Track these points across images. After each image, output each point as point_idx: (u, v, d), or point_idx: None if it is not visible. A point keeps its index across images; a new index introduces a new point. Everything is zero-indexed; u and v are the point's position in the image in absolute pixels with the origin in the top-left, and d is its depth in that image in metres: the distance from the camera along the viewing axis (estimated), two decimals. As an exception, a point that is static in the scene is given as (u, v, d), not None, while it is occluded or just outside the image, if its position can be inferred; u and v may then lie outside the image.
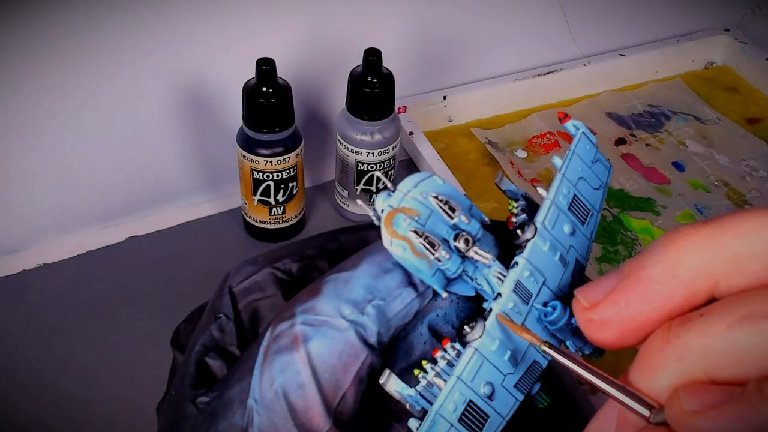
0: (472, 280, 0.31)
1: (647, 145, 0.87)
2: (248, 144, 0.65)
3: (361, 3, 0.75)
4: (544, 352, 0.26)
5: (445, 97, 0.85)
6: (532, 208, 0.33)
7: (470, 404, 0.29)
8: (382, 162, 0.70)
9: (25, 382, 0.61)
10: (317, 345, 0.31)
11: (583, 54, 0.94)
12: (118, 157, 0.71)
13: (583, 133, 0.33)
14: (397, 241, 0.29)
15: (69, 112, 0.66)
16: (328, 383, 0.31)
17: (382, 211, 0.30)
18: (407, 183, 0.31)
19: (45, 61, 0.63)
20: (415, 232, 0.29)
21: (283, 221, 0.71)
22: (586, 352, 0.32)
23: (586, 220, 0.32)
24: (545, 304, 0.30)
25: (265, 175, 0.66)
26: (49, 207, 0.70)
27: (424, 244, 0.29)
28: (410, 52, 0.82)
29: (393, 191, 0.30)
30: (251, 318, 0.40)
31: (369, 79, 0.66)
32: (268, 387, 0.32)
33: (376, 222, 0.30)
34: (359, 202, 0.33)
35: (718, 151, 0.87)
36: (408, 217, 0.30)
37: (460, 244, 0.30)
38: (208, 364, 0.38)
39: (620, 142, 0.87)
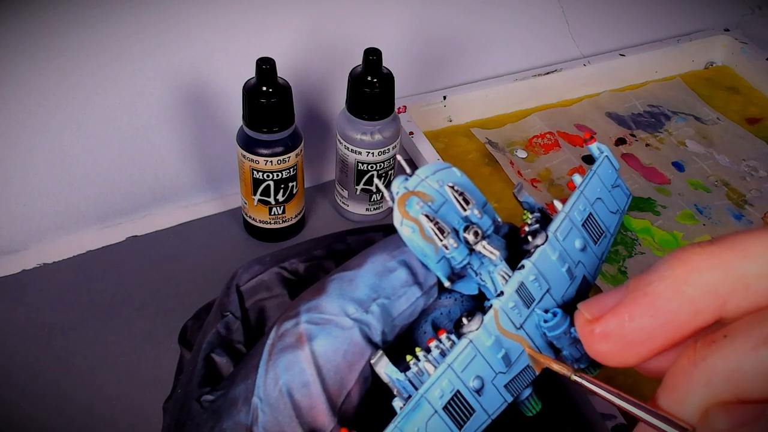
0: (476, 274, 0.31)
1: (647, 145, 0.87)
2: (248, 144, 0.65)
3: (361, 3, 0.75)
4: (574, 381, 0.26)
5: (445, 97, 0.85)
6: (546, 222, 0.33)
7: (457, 394, 0.28)
8: (382, 162, 0.70)
9: (25, 382, 0.60)
10: (322, 343, 0.31)
11: (583, 54, 0.94)
12: (118, 157, 0.71)
13: (607, 156, 0.33)
14: (408, 222, 0.29)
15: (69, 112, 0.66)
16: (332, 382, 0.31)
17: (397, 192, 0.30)
18: (426, 169, 0.31)
19: (45, 61, 0.63)
20: (427, 216, 0.29)
21: (283, 221, 0.71)
22: (582, 366, 0.32)
23: (598, 240, 0.33)
24: (546, 311, 0.30)
25: (265, 175, 0.66)
26: (49, 207, 0.70)
27: (433, 229, 0.29)
28: (410, 52, 0.82)
29: (411, 175, 0.31)
30: (258, 317, 0.40)
31: (369, 79, 0.66)
32: (272, 385, 0.31)
33: (390, 203, 0.30)
34: (375, 180, 0.34)
35: (718, 151, 0.87)
36: (422, 201, 0.30)
37: (470, 236, 0.30)
38: (215, 361, 0.38)
39: (620, 142, 0.87)
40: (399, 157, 0.34)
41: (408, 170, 0.32)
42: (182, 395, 0.37)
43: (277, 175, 0.66)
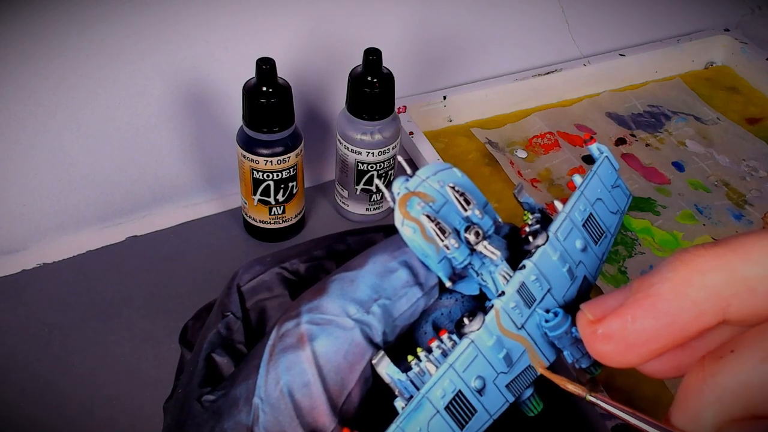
0: (477, 275, 0.31)
1: (647, 145, 0.87)
2: (248, 144, 0.65)
3: (361, 3, 0.75)
4: (589, 402, 0.26)
5: (445, 97, 0.85)
6: (546, 222, 0.33)
7: (459, 394, 0.29)
8: (382, 162, 0.70)
9: (25, 382, 0.60)
10: (323, 344, 0.31)
11: (583, 54, 0.94)
12: (118, 157, 0.71)
13: (607, 157, 0.33)
14: (409, 222, 0.30)
15: (69, 111, 0.66)
16: (333, 382, 0.31)
17: (398, 193, 0.30)
18: (426, 170, 0.31)
19: (45, 61, 0.62)
20: (428, 216, 0.29)
21: (283, 221, 0.71)
22: (584, 365, 0.32)
23: (599, 240, 0.33)
24: (547, 311, 0.30)
25: (265, 175, 0.66)
26: (49, 207, 0.70)
27: (434, 230, 0.30)
28: (410, 52, 0.82)
29: (411, 176, 0.31)
30: (259, 317, 0.40)
31: (369, 79, 0.66)
32: (273, 386, 0.31)
33: (390, 203, 0.30)
34: (376, 181, 0.34)
35: (718, 151, 0.87)
36: (423, 201, 0.30)
37: (471, 236, 0.30)
38: (216, 361, 0.38)
39: (620, 142, 0.87)
40: (399, 158, 0.34)
41: (408, 170, 0.32)
42: (183, 395, 0.37)
43: (277, 175, 0.66)
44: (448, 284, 0.31)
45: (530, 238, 0.31)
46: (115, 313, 0.66)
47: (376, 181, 0.58)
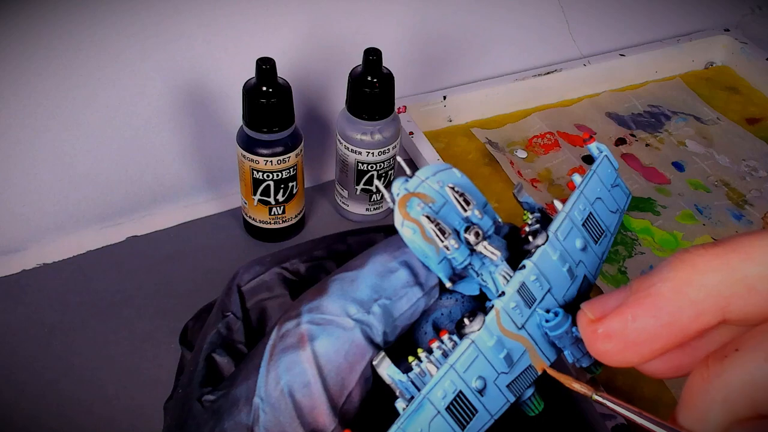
0: (478, 275, 0.31)
1: (647, 145, 0.87)
2: (248, 144, 0.65)
3: (361, 3, 0.75)
4: (596, 401, 0.26)
5: (445, 97, 0.85)
6: (546, 222, 0.33)
7: (460, 395, 0.29)
8: (382, 162, 0.70)
9: (25, 382, 0.60)
10: (323, 344, 0.31)
11: (583, 54, 0.94)
12: (118, 157, 0.71)
13: (606, 156, 0.33)
14: (409, 223, 0.30)
15: (69, 112, 0.66)
16: (333, 382, 0.31)
17: (398, 194, 0.30)
18: (426, 170, 0.31)
19: (45, 61, 0.62)
20: (427, 217, 0.30)
21: (283, 221, 0.71)
22: (584, 365, 0.32)
23: (599, 239, 0.33)
24: (548, 311, 0.30)
25: (265, 175, 0.66)
26: (49, 207, 0.70)
27: (434, 230, 0.30)
28: (410, 52, 0.82)
29: (411, 177, 0.31)
30: (259, 317, 0.40)
31: (369, 79, 0.66)
32: (274, 385, 0.31)
33: (390, 204, 0.30)
34: (376, 182, 0.34)
35: (718, 151, 0.87)
36: (422, 202, 0.30)
37: (471, 237, 0.30)
38: (216, 361, 0.38)
39: (620, 142, 0.87)
40: (399, 159, 0.34)
41: (408, 171, 0.32)
42: (183, 395, 0.37)
43: (277, 175, 0.66)
44: (448, 285, 0.31)
45: (530, 238, 0.31)
46: (115, 313, 0.66)
47: (376, 182, 0.58)
